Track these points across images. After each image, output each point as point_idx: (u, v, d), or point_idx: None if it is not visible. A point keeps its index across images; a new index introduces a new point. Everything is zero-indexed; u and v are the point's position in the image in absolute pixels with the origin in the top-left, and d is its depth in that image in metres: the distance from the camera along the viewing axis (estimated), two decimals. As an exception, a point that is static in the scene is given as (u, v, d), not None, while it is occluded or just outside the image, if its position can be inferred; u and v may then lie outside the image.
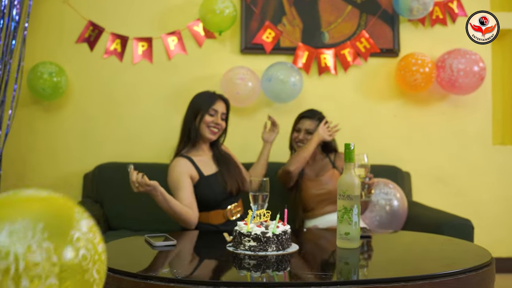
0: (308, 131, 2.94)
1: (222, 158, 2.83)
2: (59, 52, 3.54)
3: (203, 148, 2.80)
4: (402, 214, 3.08)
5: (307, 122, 2.97)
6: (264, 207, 2.22)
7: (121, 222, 3.27)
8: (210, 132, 2.73)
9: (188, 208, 2.50)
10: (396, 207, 3.06)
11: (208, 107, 2.73)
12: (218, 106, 2.76)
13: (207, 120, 2.72)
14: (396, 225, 3.06)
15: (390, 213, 3.04)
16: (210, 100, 2.76)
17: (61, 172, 3.56)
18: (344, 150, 1.98)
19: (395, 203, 3.06)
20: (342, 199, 1.94)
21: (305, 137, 2.94)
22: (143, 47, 3.57)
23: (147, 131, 3.59)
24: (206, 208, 2.66)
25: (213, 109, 2.73)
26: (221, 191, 2.68)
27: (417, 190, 3.56)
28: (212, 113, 2.73)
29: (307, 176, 2.95)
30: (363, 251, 2.01)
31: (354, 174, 1.97)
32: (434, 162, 3.65)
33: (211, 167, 2.75)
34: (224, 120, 2.81)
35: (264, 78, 3.41)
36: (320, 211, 2.88)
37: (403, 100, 3.64)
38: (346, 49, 3.58)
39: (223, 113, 2.79)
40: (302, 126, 2.98)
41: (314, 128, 2.92)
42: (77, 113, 3.57)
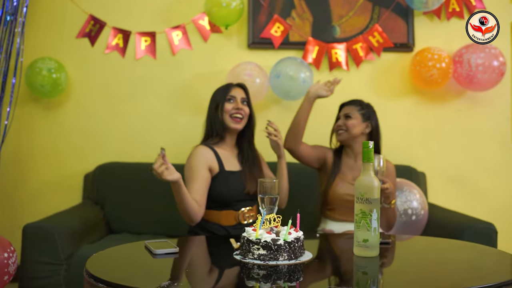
0: (347, 116, 2.71)
1: (248, 158, 2.66)
2: (59, 48, 3.37)
3: (230, 144, 2.65)
4: (423, 219, 2.88)
5: (347, 107, 2.77)
6: (273, 211, 2.03)
7: (122, 225, 3.10)
8: (233, 121, 2.59)
9: (195, 202, 2.34)
10: (417, 211, 2.86)
11: (224, 95, 2.62)
12: (235, 92, 2.64)
13: (227, 108, 2.59)
14: (415, 230, 2.86)
15: (410, 218, 2.84)
16: (225, 89, 2.67)
17: (61, 172, 3.39)
18: (362, 149, 1.79)
19: (415, 204, 2.86)
20: (360, 202, 1.75)
21: (343, 123, 2.71)
22: (146, 42, 3.38)
23: (150, 129, 3.41)
24: (218, 206, 2.50)
25: (230, 96, 2.62)
26: (238, 191, 2.52)
27: (433, 191, 3.36)
28: (231, 100, 2.61)
29: (342, 174, 2.72)
30: (382, 260, 1.82)
31: (373, 175, 1.77)
32: (450, 161, 3.44)
33: (234, 164, 2.60)
34: (247, 105, 2.66)
35: (273, 74, 3.22)
36: (341, 216, 2.65)
37: (418, 97, 3.44)
38: (358, 44, 3.38)
39: (242, 98, 2.65)
40: (341, 114, 2.77)
41: (353, 113, 2.71)
42: (77, 111, 3.40)
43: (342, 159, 2.77)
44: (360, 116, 2.73)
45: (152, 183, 3.10)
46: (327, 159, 2.79)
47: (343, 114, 2.76)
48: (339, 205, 2.64)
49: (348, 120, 2.71)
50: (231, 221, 2.51)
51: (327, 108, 3.33)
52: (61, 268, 2.50)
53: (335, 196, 2.66)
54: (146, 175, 3.15)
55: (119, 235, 3.02)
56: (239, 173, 2.59)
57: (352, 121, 2.70)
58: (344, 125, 2.71)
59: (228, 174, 2.54)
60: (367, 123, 2.73)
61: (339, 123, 2.75)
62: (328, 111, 2.98)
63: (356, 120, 2.71)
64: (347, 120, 2.71)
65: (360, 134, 2.72)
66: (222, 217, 2.50)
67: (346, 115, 2.73)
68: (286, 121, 3.37)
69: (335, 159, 2.77)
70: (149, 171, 2.19)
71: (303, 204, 2.82)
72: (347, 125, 2.70)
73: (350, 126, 2.70)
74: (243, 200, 2.54)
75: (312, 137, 2.91)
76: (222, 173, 2.52)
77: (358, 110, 2.74)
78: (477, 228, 2.49)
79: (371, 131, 2.74)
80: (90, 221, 2.93)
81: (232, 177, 2.54)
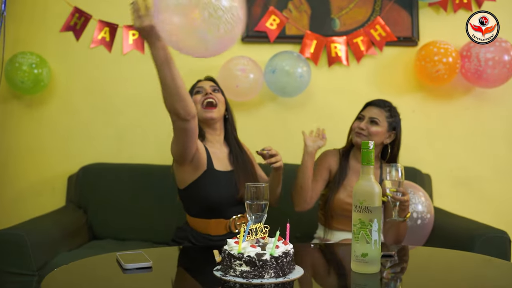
0: (373, 120, 2.38)
1: (237, 157, 2.39)
2: (41, 42, 3.13)
3: (216, 141, 2.38)
4: (429, 223, 2.62)
5: (374, 110, 2.43)
6: (262, 219, 1.79)
7: (106, 231, 2.86)
8: (205, 110, 2.32)
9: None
10: (423, 215, 2.60)
11: (192, 90, 2.40)
12: (202, 83, 2.43)
13: (197, 99, 2.34)
14: (421, 236, 2.60)
15: (415, 222, 2.59)
16: (193, 85, 2.45)
17: (43, 174, 3.16)
18: (361, 149, 1.54)
19: (420, 208, 2.61)
20: (359, 211, 1.51)
21: (366, 126, 2.38)
22: (134, 36, 3.14)
23: (138, 128, 3.17)
24: (207, 214, 2.24)
25: (197, 88, 2.40)
26: (229, 194, 2.26)
27: (438, 194, 3.10)
28: (199, 91, 2.38)
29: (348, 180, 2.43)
30: (384, 277, 1.57)
31: (374, 180, 1.53)
32: (457, 162, 3.18)
33: (225, 165, 2.33)
34: (218, 91, 2.41)
35: (268, 69, 2.97)
36: (340, 225, 2.40)
37: (422, 93, 3.18)
38: (359, 38, 3.13)
39: (211, 86, 2.42)
40: (366, 114, 2.43)
41: (381, 120, 2.40)
42: (61, 109, 3.16)
43: (349, 162, 2.48)
44: (387, 124, 2.42)
45: (139, 186, 2.90)
46: (332, 169, 2.49)
47: (369, 116, 2.42)
48: (337, 212, 2.38)
49: (373, 126, 2.39)
50: (221, 230, 2.26)
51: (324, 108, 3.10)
52: (33, 280, 2.26)
53: (336, 203, 2.39)
54: (132, 176, 2.95)
55: (102, 241, 2.78)
56: (231, 173, 2.32)
57: (377, 128, 2.39)
58: (366, 129, 2.40)
59: (218, 174, 2.27)
60: (391, 133, 2.44)
61: (362, 125, 2.40)
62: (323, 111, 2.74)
63: (381, 129, 2.40)
64: (372, 125, 2.40)
65: (380, 143, 2.44)
66: (211, 226, 2.25)
67: (372, 120, 2.41)
68: (282, 119, 3.16)
69: (342, 162, 2.47)
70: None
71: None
72: (370, 131, 2.39)
73: (373, 134, 2.39)
74: (234, 205, 2.29)
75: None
76: (211, 171, 2.25)
77: (387, 117, 2.42)
78: (489, 237, 2.23)
79: (392, 141, 2.46)
80: (71, 226, 2.69)
81: (223, 178, 2.28)
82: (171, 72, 1.95)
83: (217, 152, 2.35)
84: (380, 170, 2.45)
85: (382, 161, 2.49)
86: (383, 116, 2.42)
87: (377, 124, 2.39)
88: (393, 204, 2.05)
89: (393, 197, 2.03)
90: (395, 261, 1.75)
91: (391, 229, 2.33)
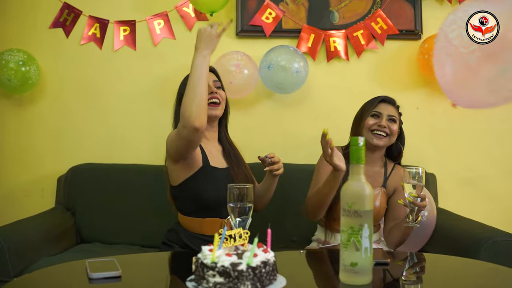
0: (391, 118, 2.23)
1: (231, 154, 2.26)
2: (30, 39, 2.99)
3: (211, 137, 2.25)
4: (429, 226, 2.43)
5: (390, 108, 2.27)
6: (245, 224, 1.63)
7: (94, 234, 2.70)
8: (209, 107, 2.13)
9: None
10: (423, 213, 2.41)
11: None
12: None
13: None
14: (419, 240, 2.42)
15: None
16: None
17: (33, 175, 3.02)
18: (350, 147, 1.37)
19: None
20: (347, 215, 1.33)
21: (388, 125, 2.21)
22: (125, 31, 3.00)
23: (130, 127, 3.01)
24: (201, 213, 2.09)
25: None
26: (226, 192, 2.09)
27: (443, 195, 2.90)
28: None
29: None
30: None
31: (365, 180, 1.35)
32: (463, 161, 2.99)
33: (220, 162, 2.19)
34: (221, 88, 2.25)
35: (263, 64, 2.80)
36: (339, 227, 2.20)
37: (427, 89, 2.99)
38: (359, 31, 2.95)
39: (214, 80, 2.23)
40: (383, 111, 2.24)
41: (397, 118, 2.26)
42: (51, 107, 3.02)
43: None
44: (399, 122, 2.30)
45: (130, 187, 2.75)
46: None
47: (387, 114, 2.25)
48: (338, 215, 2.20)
49: (393, 125, 2.24)
50: (216, 230, 2.09)
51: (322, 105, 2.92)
52: (10, 287, 2.11)
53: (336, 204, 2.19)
54: (123, 177, 2.80)
55: (89, 245, 2.63)
56: (227, 170, 2.19)
57: (396, 126, 2.25)
58: (388, 128, 2.22)
59: (214, 170, 2.13)
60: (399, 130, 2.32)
61: (383, 123, 2.21)
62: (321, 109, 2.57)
63: (397, 127, 2.27)
64: (392, 124, 2.24)
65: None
66: (206, 225, 2.09)
67: (391, 118, 2.25)
68: (279, 117, 2.99)
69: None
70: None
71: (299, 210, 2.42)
72: (392, 129, 2.23)
73: (394, 133, 2.24)
74: None
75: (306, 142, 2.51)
76: (207, 168, 2.11)
77: (398, 114, 2.30)
78: (496, 241, 2.03)
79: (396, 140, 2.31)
80: (57, 229, 2.54)
81: (220, 175, 2.14)
82: (205, 83, 1.96)
83: (212, 149, 2.22)
84: (384, 168, 2.28)
85: (386, 160, 2.34)
86: (397, 114, 2.29)
87: (395, 122, 2.25)
88: (411, 208, 1.88)
89: (413, 202, 1.85)
90: (390, 269, 1.57)
91: (395, 230, 2.16)
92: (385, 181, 2.27)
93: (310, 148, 2.52)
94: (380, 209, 2.22)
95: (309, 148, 2.65)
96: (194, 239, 2.10)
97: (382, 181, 2.26)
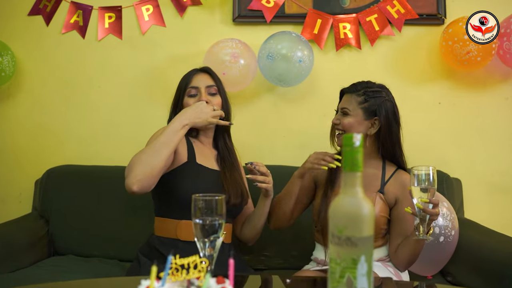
0: (344, 111, 1.88)
1: (227, 159, 1.96)
2: (5, 27, 2.67)
3: (206, 141, 1.97)
4: (452, 244, 2.02)
5: (345, 98, 1.92)
6: (214, 244, 1.26)
7: (69, 245, 2.36)
8: None
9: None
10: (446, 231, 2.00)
11: (184, 89, 1.94)
12: (197, 81, 1.94)
13: (189, 103, 1.90)
14: (440, 260, 2.00)
15: (437, 238, 1.99)
16: (186, 79, 1.97)
17: (10, 178, 2.70)
18: (343, 148, 0.98)
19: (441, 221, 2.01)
20: (337, 244, 0.94)
21: (340, 119, 1.88)
22: (110, 19, 2.65)
23: (115, 124, 2.67)
24: (177, 213, 1.79)
25: (191, 87, 1.93)
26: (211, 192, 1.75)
27: (470, 203, 2.48)
28: (193, 93, 1.92)
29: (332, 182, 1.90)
30: None
31: (363, 195, 0.96)
32: (493, 165, 2.56)
33: (210, 163, 1.91)
34: (217, 94, 1.94)
35: (261, 53, 2.43)
36: None
37: (451, 81, 2.56)
38: (373, 16, 2.55)
39: (207, 86, 1.93)
40: (339, 105, 1.94)
41: (351, 108, 1.86)
42: (29, 103, 2.70)
43: None
44: (362, 111, 1.86)
45: (111, 193, 2.40)
46: (318, 179, 1.99)
47: (340, 107, 1.92)
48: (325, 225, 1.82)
49: (345, 118, 1.87)
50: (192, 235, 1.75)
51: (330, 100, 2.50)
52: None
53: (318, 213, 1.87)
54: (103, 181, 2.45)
55: (62, 258, 2.28)
56: (217, 173, 1.89)
57: (349, 119, 1.86)
58: (340, 122, 1.88)
59: (199, 167, 1.84)
60: (371, 121, 1.86)
61: (334, 120, 1.92)
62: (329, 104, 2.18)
63: (354, 118, 1.86)
64: (343, 117, 1.88)
65: (366, 136, 1.87)
66: (181, 229, 1.79)
67: (342, 110, 1.89)
68: (281, 113, 2.62)
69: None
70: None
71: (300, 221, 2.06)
72: (343, 124, 1.87)
73: (347, 127, 1.86)
74: None
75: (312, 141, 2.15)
76: (191, 164, 1.83)
77: (359, 103, 1.87)
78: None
79: (378, 131, 1.87)
80: (25, 240, 2.22)
81: (205, 173, 1.85)
82: (166, 154, 1.70)
83: (204, 149, 1.94)
84: (382, 171, 1.88)
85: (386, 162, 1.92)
86: (355, 102, 1.87)
87: (348, 114, 1.87)
88: (421, 218, 1.53)
89: (425, 209, 1.51)
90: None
91: (403, 247, 1.76)
92: (383, 186, 1.85)
93: (316, 148, 2.12)
94: (379, 219, 1.80)
95: (315, 148, 2.24)
96: (167, 247, 1.79)
97: (378, 185, 1.86)
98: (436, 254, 1.97)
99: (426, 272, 2.05)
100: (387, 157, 1.91)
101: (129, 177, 1.66)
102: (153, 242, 1.85)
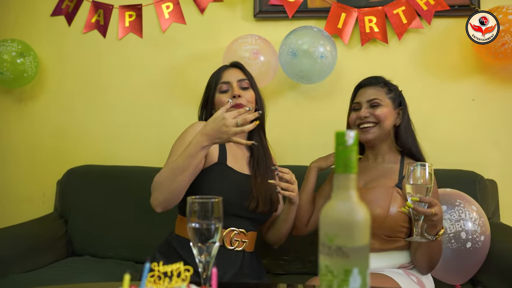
0: (372, 103, 1.78)
1: (258, 163, 1.86)
2: (28, 28, 2.68)
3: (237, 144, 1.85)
4: (481, 251, 1.86)
5: (369, 91, 1.82)
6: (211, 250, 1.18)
7: (86, 246, 2.34)
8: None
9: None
10: (474, 236, 1.85)
11: (215, 85, 1.86)
12: (229, 75, 1.86)
13: (222, 100, 1.82)
14: (470, 265, 1.86)
15: (464, 244, 1.84)
16: (216, 75, 1.89)
17: (35, 178, 2.71)
18: (336, 146, 0.87)
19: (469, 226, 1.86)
20: (327, 254, 0.84)
21: (371, 113, 1.78)
22: (130, 17, 2.62)
23: (135, 124, 2.64)
24: None
25: (223, 83, 1.84)
26: (236, 199, 1.71)
27: (507, 207, 2.31)
28: (225, 88, 1.84)
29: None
30: None
31: (356, 199, 0.85)
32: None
33: (241, 166, 1.82)
34: (249, 88, 1.86)
35: (282, 49, 2.33)
36: None
37: (484, 77, 2.39)
38: (401, 8, 2.41)
39: (239, 80, 1.85)
40: (361, 99, 1.82)
41: (381, 98, 1.77)
42: (52, 103, 2.71)
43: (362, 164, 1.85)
44: (390, 101, 1.80)
45: (131, 193, 2.36)
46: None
47: (365, 100, 1.80)
48: None
49: (377, 109, 1.77)
50: None
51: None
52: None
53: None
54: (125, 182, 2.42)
55: (79, 259, 2.25)
56: (246, 177, 1.80)
57: (383, 109, 1.77)
58: (371, 115, 1.77)
59: (229, 170, 1.76)
60: (399, 110, 1.81)
61: (362, 113, 1.78)
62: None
63: (387, 108, 1.78)
64: (374, 109, 1.77)
65: (393, 127, 1.80)
66: None
67: (371, 102, 1.78)
68: (304, 112, 2.52)
69: None
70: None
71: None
72: (377, 116, 1.76)
73: (381, 118, 1.76)
74: (237, 214, 1.72)
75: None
76: (221, 166, 1.75)
77: (386, 93, 1.80)
78: None
79: (399, 124, 1.80)
80: (44, 240, 2.21)
81: (234, 177, 1.76)
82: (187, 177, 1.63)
83: (236, 151, 1.86)
84: (400, 165, 1.77)
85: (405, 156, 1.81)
86: (383, 93, 1.79)
87: (380, 105, 1.77)
88: (415, 218, 1.44)
89: (415, 208, 1.41)
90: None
91: (420, 249, 1.64)
92: (400, 181, 1.72)
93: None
94: (397, 216, 1.67)
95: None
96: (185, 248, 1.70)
97: (396, 179, 1.74)
98: (463, 261, 1.82)
99: (454, 280, 1.90)
100: (406, 151, 1.79)
101: (152, 197, 1.66)
102: (172, 241, 1.78)
